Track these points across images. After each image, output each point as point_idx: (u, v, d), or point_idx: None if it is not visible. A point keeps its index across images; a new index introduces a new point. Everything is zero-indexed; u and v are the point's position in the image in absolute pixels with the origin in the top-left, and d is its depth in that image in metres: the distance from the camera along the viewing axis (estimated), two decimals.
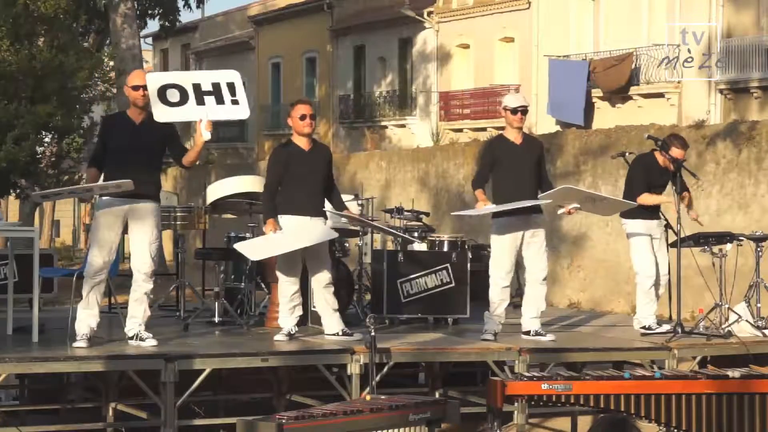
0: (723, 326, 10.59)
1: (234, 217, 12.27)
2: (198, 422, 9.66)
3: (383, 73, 38.83)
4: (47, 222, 39.19)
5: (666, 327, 10.65)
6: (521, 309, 10.31)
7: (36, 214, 30.70)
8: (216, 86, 9.18)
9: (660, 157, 10.68)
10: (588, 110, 30.52)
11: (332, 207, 9.82)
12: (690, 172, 10.74)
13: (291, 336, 9.73)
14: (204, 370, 9.04)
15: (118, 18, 26.85)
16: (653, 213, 10.78)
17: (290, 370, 10.30)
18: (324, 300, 9.71)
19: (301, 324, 10.00)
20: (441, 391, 10.62)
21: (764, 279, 11.01)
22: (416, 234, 11.73)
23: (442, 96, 35.99)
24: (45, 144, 23.96)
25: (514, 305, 11.02)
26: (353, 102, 39.65)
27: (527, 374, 8.46)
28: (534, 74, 32.39)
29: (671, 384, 8.05)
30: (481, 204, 9.88)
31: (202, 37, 49.78)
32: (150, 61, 50.13)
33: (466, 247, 11.93)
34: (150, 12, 32.14)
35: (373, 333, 8.25)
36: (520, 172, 9.96)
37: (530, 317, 10.21)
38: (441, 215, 22.41)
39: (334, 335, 9.72)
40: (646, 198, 10.60)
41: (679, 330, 10.28)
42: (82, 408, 11.04)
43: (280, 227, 9.47)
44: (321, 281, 9.65)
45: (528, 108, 10.28)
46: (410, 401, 7.51)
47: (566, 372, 9.12)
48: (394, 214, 12.29)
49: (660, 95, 29.16)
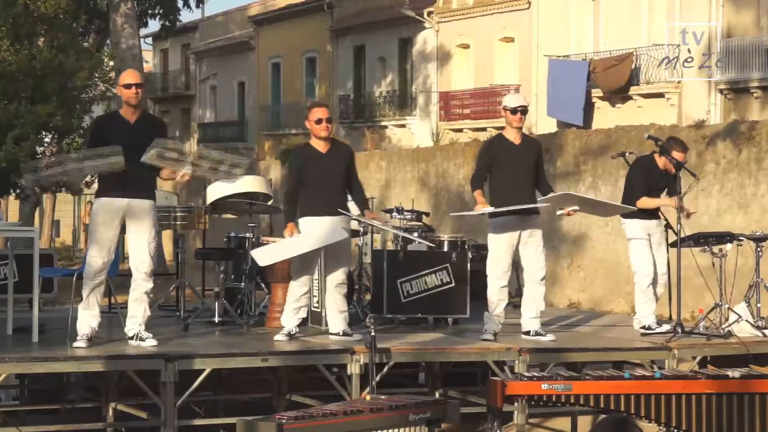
0: (723, 326, 10.58)
1: (234, 217, 12.25)
2: (198, 422, 9.66)
3: (383, 73, 38.80)
4: (47, 222, 39.16)
5: (666, 327, 10.64)
6: (521, 309, 10.32)
7: (36, 214, 30.72)
8: None
9: (659, 160, 10.69)
10: (588, 110, 30.46)
11: (356, 206, 9.90)
12: (690, 172, 10.74)
13: (291, 336, 9.74)
14: (204, 370, 9.03)
15: (118, 18, 26.84)
16: (652, 213, 10.78)
17: (290, 370, 10.30)
18: (333, 299, 9.76)
19: (301, 324, 10.00)
20: (441, 391, 10.63)
21: (764, 279, 10.99)
22: (416, 234, 11.73)
23: (442, 96, 35.96)
24: (45, 144, 23.91)
25: (514, 305, 11.03)
26: (353, 102, 39.63)
27: (527, 374, 8.45)
28: (534, 74, 32.35)
29: (671, 384, 8.05)
30: (480, 206, 9.89)
31: (202, 37, 49.78)
32: (150, 61, 50.13)
33: (466, 247, 11.95)
34: (150, 12, 32.14)
35: (373, 333, 8.25)
36: (519, 172, 9.96)
37: (530, 317, 10.21)
38: (441, 215, 22.41)
39: (335, 335, 9.74)
40: (647, 202, 10.61)
41: (679, 330, 10.28)
42: (82, 408, 11.04)
43: (299, 231, 9.53)
44: (334, 280, 9.71)
45: (528, 108, 10.29)
46: (410, 401, 7.51)
47: (566, 372, 9.11)
48: (394, 214, 12.29)
49: (660, 95, 29.12)
